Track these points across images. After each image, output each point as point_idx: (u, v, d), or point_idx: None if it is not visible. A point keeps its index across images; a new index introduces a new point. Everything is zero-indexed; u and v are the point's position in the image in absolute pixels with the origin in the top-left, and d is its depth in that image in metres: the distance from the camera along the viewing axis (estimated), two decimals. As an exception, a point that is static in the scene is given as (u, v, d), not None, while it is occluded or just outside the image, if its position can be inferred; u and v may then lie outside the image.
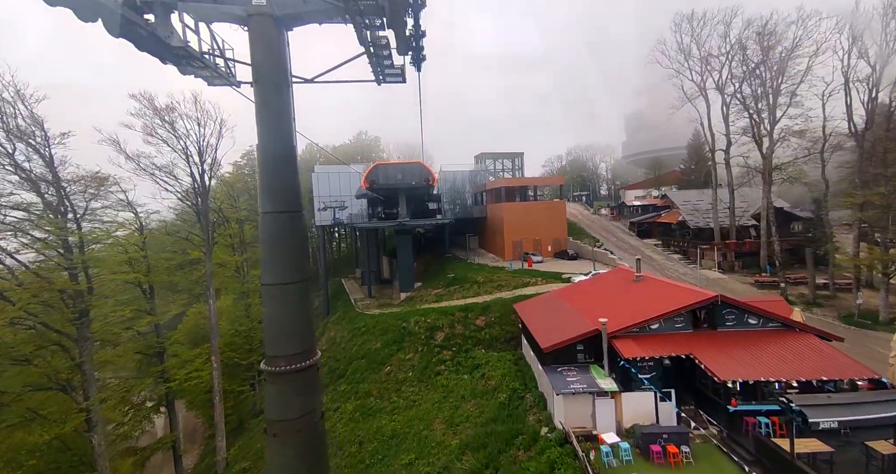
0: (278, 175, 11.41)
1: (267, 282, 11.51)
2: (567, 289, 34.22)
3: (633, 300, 25.77)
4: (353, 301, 60.46)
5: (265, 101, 10.96)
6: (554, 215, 63.62)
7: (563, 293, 33.37)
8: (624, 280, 30.11)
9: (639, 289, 27.04)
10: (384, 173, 53.99)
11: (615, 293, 28.34)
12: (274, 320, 11.75)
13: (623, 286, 28.89)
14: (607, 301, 27.37)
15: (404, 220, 53.65)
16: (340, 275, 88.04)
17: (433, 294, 50.44)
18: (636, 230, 62.04)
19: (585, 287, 32.70)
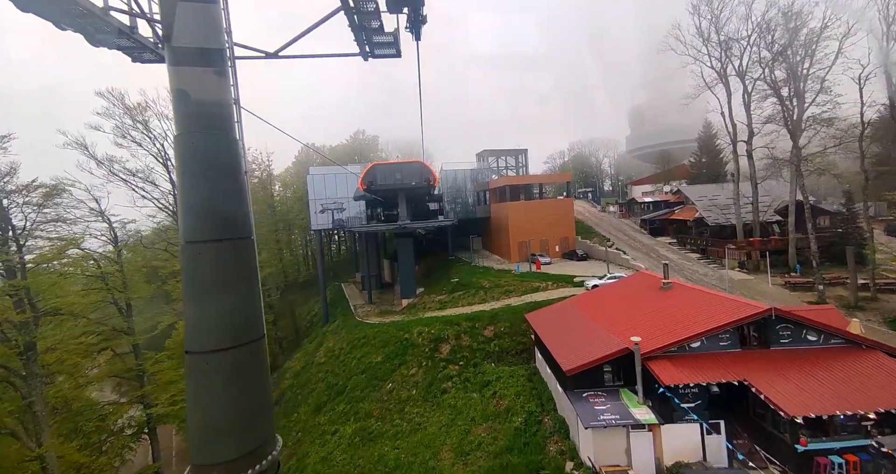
0: (210, 190, 6.72)
1: (195, 348, 6.54)
2: (584, 298, 31.03)
3: (664, 312, 22.57)
4: (352, 308, 57.42)
5: (186, 80, 6.64)
6: (561, 214, 60.46)
7: (580, 302, 30.17)
8: (649, 287, 26.91)
9: (669, 299, 23.84)
10: (382, 174, 50.82)
11: (641, 303, 25.13)
12: (205, 413, 6.62)
13: (649, 294, 25.69)
14: (633, 312, 24.19)
15: (404, 223, 50.52)
16: (340, 278, 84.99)
17: (436, 300, 47.31)
18: (648, 228, 58.81)
19: (605, 295, 29.51)
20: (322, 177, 58.83)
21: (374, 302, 59.57)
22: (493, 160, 71.58)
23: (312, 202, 58.39)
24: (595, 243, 58.45)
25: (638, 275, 30.35)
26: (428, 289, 53.48)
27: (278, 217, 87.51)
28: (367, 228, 51.10)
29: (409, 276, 51.53)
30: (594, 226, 65.55)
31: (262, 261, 58.55)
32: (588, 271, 48.37)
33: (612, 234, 60.62)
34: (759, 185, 43.62)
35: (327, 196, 59.22)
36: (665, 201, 62.64)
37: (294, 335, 64.33)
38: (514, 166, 72.02)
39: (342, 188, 59.46)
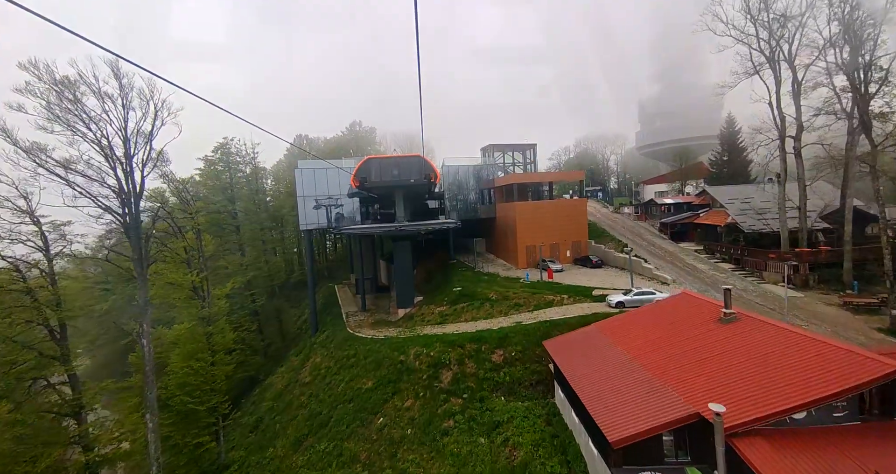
0: None
1: None
2: (613, 323, 25.51)
3: (735, 359, 17.13)
4: (344, 316, 52.03)
5: None
6: (574, 215, 55.00)
7: (610, 329, 24.69)
8: (702, 317, 21.43)
9: (738, 338, 18.37)
10: (378, 169, 45.18)
11: (696, 340, 19.67)
12: None
13: (706, 329, 20.21)
14: (688, 353, 18.75)
15: (402, 224, 44.97)
16: (336, 278, 79.53)
17: (436, 312, 41.91)
18: (669, 232, 53.36)
19: (641, 322, 24.02)
20: (311, 172, 53.14)
21: (368, 309, 54.25)
22: (499, 156, 66.00)
23: (301, 199, 52.74)
24: (611, 249, 52.98)
25: (680, 297, 24.88)
26: (427, 297, 48.07)
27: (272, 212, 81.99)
28: (359, 230, 45.52)
29: (407, 284, 46.08)
30: (608, 229, 60.03)
31: (245, 263, 52.95)
32: (606, 281, 42.96)
33: (628, 239, 55.15)
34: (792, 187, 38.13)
35: (318, 192, 53.58)
36: (688, 203, 57.13)
37: (281, 342, 58.97)
38: (522, 163, 66.39)
39: (334, 184, 53.83)
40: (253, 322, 50.43)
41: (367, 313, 52.78)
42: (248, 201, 55.01)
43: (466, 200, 61.73)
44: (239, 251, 52.98)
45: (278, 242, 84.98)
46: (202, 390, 32.00)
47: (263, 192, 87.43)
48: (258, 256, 55.88)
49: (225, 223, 53.04)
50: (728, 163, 66.20)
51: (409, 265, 46.44)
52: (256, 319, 53.39)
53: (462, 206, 61.23)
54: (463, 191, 61.49)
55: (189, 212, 33.52)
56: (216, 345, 33.96)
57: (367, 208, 63.51)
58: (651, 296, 32.93)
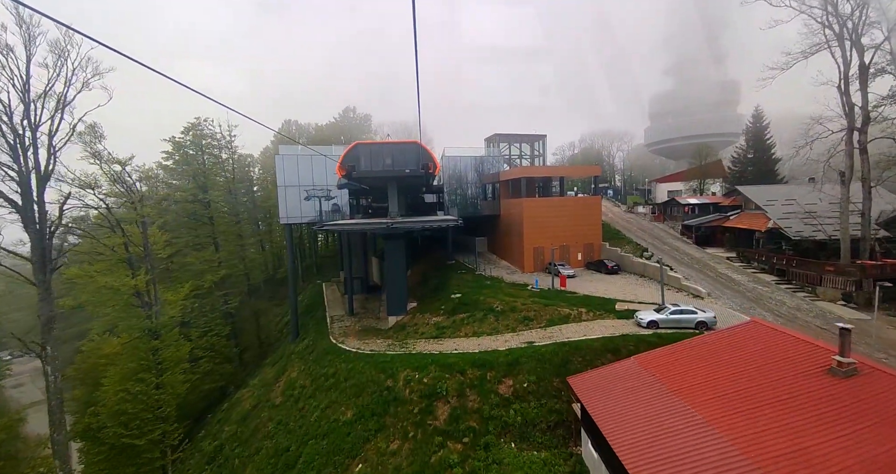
0: None
1: None
2: (663, 360, 19.53)
3: (878, 444, 11.27)
4: (328, 320, 46.12)
5: None
6: (587, 215, 49.11)
7: (659, 369, 18.79)
8: (796, 362, 15.61)
9: (871, 407, 12.51)
10: (368, 156, 39.08)
11: (798, 400, 13.83)
12: None
13: (809, 383, 14.39)
14: (797, 428, 12.89)
15: (394, 221, 38.91)
16: (325, 275, 73.52)
17: (432, 323, 36.07)
18: (693, 236, 47.54)
19: (704, 362, 18.14)
20: (294, 160, 46.91)
21: (355, 313, 48.31)
22: (505, 147, 59.85)
23: (282, 189, 46.52)
24: (627, 252, 47.18)
25: (751, 327, 19.03)
26: (422, 304, 42.17)
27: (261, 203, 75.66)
28: (344, 227, 39.35)
29: (399, 289, 40.11)
30: (623, 231, 54.20)
31: (218, 260, 46.79)
32: (627, 291, 37.17)
33: (647, 242, 49.35)
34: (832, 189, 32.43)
35: (302, 182, 47.39)
36: (715, 204, 51.34)
37: (259, 347, 52.91)
38: (530, 155, 60.41)
39: (320, 173, 47.64)
40: (225, 325, 44.51)
41: (355, 318, 46.88)
42: (222, 190, 48.78)
43: (467, 195, 55.71)
44: (212, 245, 46.94)
45: (265, 235, 78.87)
46: (143, 419, 25.98)
47: (249, 181, 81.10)
48: (234, 251, 49.77)
49: (198, 214, 46.84)
50: (753, 161, 60.36)
51: (402, 267, 40.43)
52: (230, 322, 47.43)
53: (462, 201, 55.24)
54: (464, 184, 55.44)
55: (132, 200, 27.24)
56: (166, 361, 27.89)
57: (357, 201, 57.42)
58: (692, 315, 27.12)
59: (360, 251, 60.28)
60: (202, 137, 47.72)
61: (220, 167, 49.65)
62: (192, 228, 46.35)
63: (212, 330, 42.26)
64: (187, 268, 44.33)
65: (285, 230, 47.93)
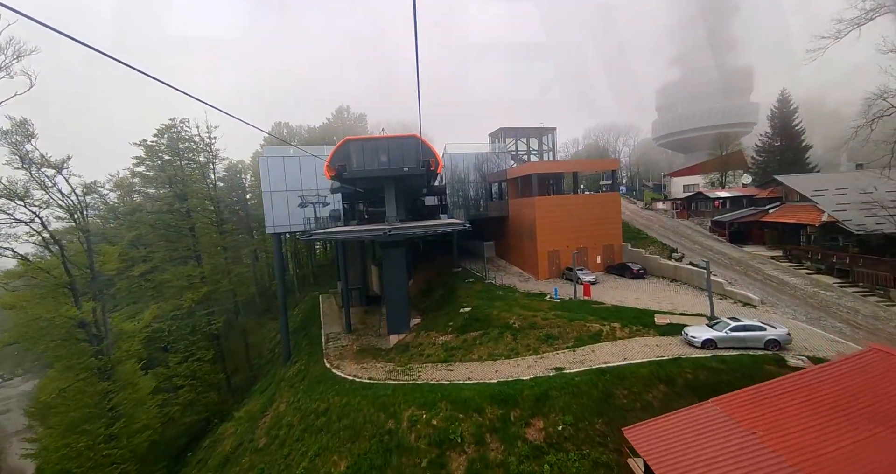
0: None
1: None
2: (759, 410, 14.52)
3: None
4: (323, 339, 41.29)
5: None
6: (606, 214, 44.27)
7: (756, 421, 13.86)
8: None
9: None
10: (360, 153, 34.31)
11: None
12: None
13: None
14: None
15: (392, 227, 34.07)
16: (322, 285, 68.57)
17: (439, 343, 31.22)
18: (727, 233, 42.53)
19: (823, 411, 13.18)
20: (280, 161, 42.15)
21: (353, 329, 43.46)
22: (511, 142, 54.97)
23: (267, 195, 41.76)
24: (653, 253, 42.25)
25: (876, 360, 14.11)
26: (426, 319, 37.33)
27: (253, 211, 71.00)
28: (335, 236, 34.50)
29: (400, 304, 35.24)
30: (644, 229, 49.24)
31: (200, 276, 41.91)
32: (661, 299, 32.24)
33: (673, 241, 44.38)
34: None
35: (289, 187, 42.62)
36: (749, 196, 46.19)
37: (249, 370, 47.92)
38: (538, 150, 55.58)
39: (310, 176, 42.86)
40: (209, 348, 39.68)
41: (353, 335, 42.02)
42: (204, 198, 44.01)
43: (473, 196, 50.85)
44: (193, 260, 42.15)
45: (259, 244, 73.98)
46: (91, 478, 21.08)
47: (242, 188, 76.36)
48: (219, 266, 44.90)
49: (178, 225, 42.04)
50: (781, 149, 55.36)
51: (403, 279, 35.55)
52: (215, 344, 42.56)
53: (465, 203, 50.39)
54: (469, 184, 50.59)
55: (70, 210, 22.41)
56: (120, 406, 22.98)
57: (352, 205, 52.56)
58: (759, 332, 22.13)
59: (358, 259, 55.42)
60: (179, 140, 43.01)
61: (201, 173, 44.88)
62: (170, 241, 41.59)
63: (193, 354, 37.49)
64: (166, 286, 39.57)
65: (273, 241, 43.06)
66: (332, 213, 43.80)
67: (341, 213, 45.52)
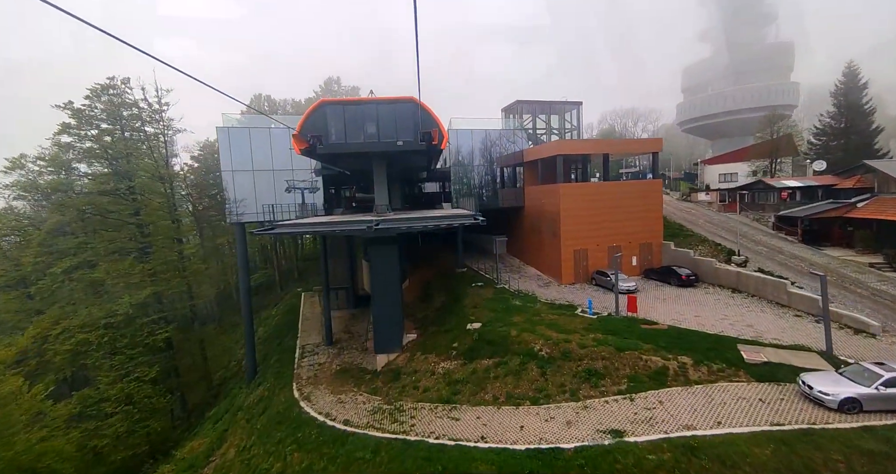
0: None
1: None
2: None
3: None
4: (297, 353, 34.31)
5: None
6: (645, 205, 37.01)
7: None
8: None
9: None
10: (341, 121, 26.81)
11: None
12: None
13: None
14: None
15: (380, 219, 26.66)
16: (308, 281, 61.16)
17: (440, 372, 24.14)
18: (798, 231, 35.02)
19: None
20: (246, 133, 34.58)
21: (335, 341, 36.33)
22: (528, 119, 47.11)
23: (228, 174, 34.24)
24: (703, 255, 34.91)
25: None
26: (424, 334, 30.08)
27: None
28: (301, 229, 27.05)
29: (390, 316, 27.95)
30: (687, 225, 41.81)
31: (142, 274, 34.36)
32: (729, 317, 24.96)
33: (726, 239, 36.99)
34: None
35: (257, 166, 35.06)
36: (827, 186, 38.37)
37: (207, 389, 40.32)
38: (560, 129, 47.77)
39: (283, 153, 35.24)
40: (152, 365, 32.16)
41: (334, 349, 34.98)
42: (149, 175, 36.18)
43: (481, 182, 43.22)
44: (137, 254, 34.59)
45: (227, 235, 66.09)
46: None
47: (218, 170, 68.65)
48: (171, 261, 37.16)
49: (120, 212, 34.38)
50: (845, 131, 47.63)
51: (395, 284, 28.13)
52: (163, 359, 34.86)
53: (472, 190, 42.80)
54: (477, 168, 42.93)
55: None
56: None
57: (337, 190, 44.99)
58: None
59: (345, 253, 47.89)
60: (120, 106, 35.23)
61: (149, 147, 37.06)
62: (107, 230, 33.97)
63: (130, 373, 30.24)
64: (101, 285, 32.19)
65: (236, 232, 35.49)
66: (308, 202, 36.49)
67: (323, 200, 38.07)
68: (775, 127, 50.65)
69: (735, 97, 78.97)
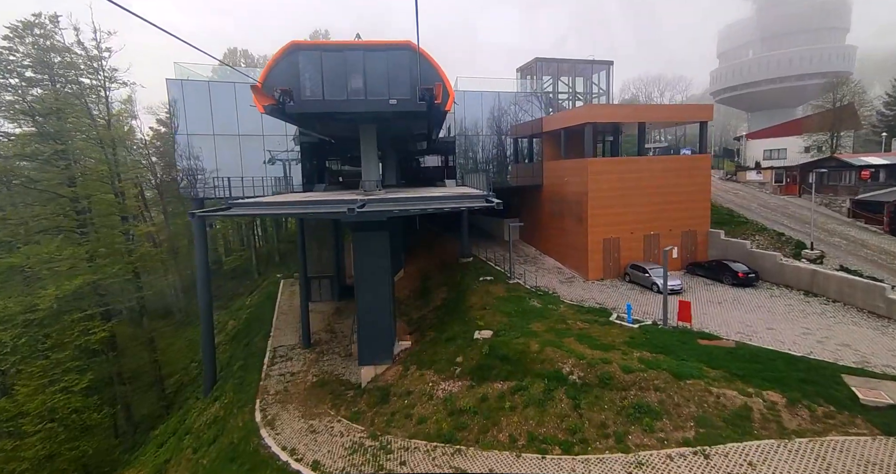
0: None
1: None
2: None
3: None
4: (267, 358, 30.27)
5: None
6: (692, 185, 32.37)
7: None
8: None
9: None
10: (317, 70, 21.96)
11: None
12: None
13: None
14: None
15: (368, 199, 22.11)
16: (289, 266, 56.92)
17: (440, 397, 20.05)
18: (884, 219, 30.21)
19: None
20: (205, 88, 29.70)
21: (314, 343, 32.22)
22: (548, 81, 41.71)
23: (182, 138, 29.45)
24: (763, 247, 30.42)
25: None
26: (421, 342, 25.88)
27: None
28: (259, 211, 22.34)
29: (380, 321, 23.69)
30: (738, 209, 37.22)
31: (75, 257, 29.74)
32: (812, 329, 20.64)
33: (793, 230, 32.41)
34: None
35: (219, 130, 30.25)
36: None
37: (158, 398, 35.82)
38: (587, 93, 42.39)
39: (253, 112, 30.34)
40: (84, 371, 27.59)
41: (312, 353, 30.97)
42: (85, 137, 31.15)
43: (486, 156, 38.25)
44: (78, 231, 29.90)
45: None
46: None
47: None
48: (114, 243, 32.35)
49: (50, 180, 29.49)
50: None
51: (384, 281, 23.70)
52: (102, 362, 30.35)
53: (478, 164, 37.94)
54: (488, 139, 37.96)
55: None
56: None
57: (320, 162, 40.14)
58: None
59: (330, 235, 43.34)
60: (49, 50, 30.04)
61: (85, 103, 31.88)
62: (35, 205, 29.06)
63: (56, 381, 25.96)
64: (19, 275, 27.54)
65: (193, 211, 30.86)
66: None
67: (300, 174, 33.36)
68: (839, 94, 45.52)
69: (781, 62, 73.11)
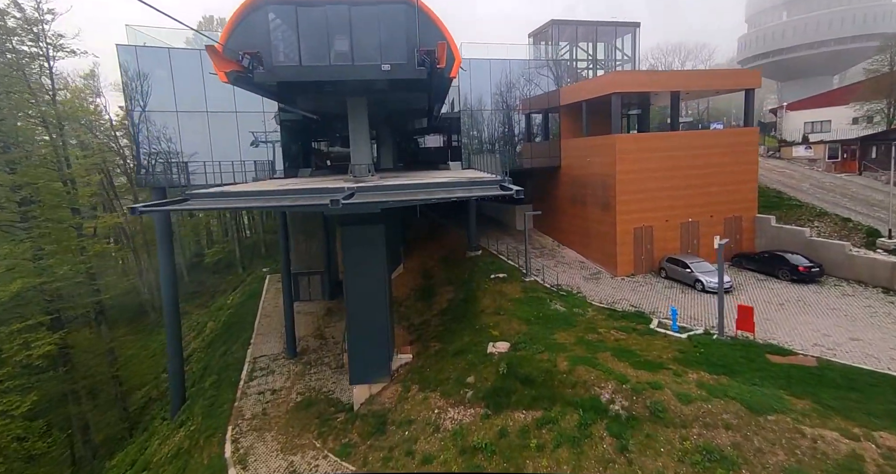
0: None
1: None
2: None
3: None
4: (244, 371, 27.47)
5: None
6: (736, 164, 29.15)
7: None
8: None
9: None
10: (290, 29, 18.51)
11: None
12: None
13: None
14: None
15: (358, 188, 18.82)
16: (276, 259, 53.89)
17: (448, 429, 17.25)
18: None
19: None
20: (164, 55, 26.29)
21: (300, 352, 29.36)
22: (565, 47, 37.74)
23: (137, 115, 26.16)
24: (825, 235, 27.19)
25: None
26: (424, 354, 22.84)
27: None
28: (218, 205, 18.92)
29: (375, 332, 20.62)
30: (788, 191, 33.86)
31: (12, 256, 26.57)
32: None
33: (860, 214, 29.08)
34: None
35: (182, 106, 26.91)
36: None
37: (121, 417, 32.65)
38: (607, 60, 38.26)
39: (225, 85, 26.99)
40: (27, 391, 24.52)
41: (297, 364, 28.24)
42: (29, 118, 27.87)
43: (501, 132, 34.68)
44: (19, 226, 26.79)
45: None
46: None
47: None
48: (66, 240, 29.03)
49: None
50: None
51: (380, 287, 20.54)
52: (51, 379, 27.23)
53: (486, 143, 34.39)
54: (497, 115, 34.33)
55: None
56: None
57: (304, 143, 36.74)
58: None
59: (320, 227, 40.11)
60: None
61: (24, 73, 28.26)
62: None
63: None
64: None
65: (152, 199, 27.62)
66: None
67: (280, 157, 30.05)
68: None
69: (821, 23, 68.67)
